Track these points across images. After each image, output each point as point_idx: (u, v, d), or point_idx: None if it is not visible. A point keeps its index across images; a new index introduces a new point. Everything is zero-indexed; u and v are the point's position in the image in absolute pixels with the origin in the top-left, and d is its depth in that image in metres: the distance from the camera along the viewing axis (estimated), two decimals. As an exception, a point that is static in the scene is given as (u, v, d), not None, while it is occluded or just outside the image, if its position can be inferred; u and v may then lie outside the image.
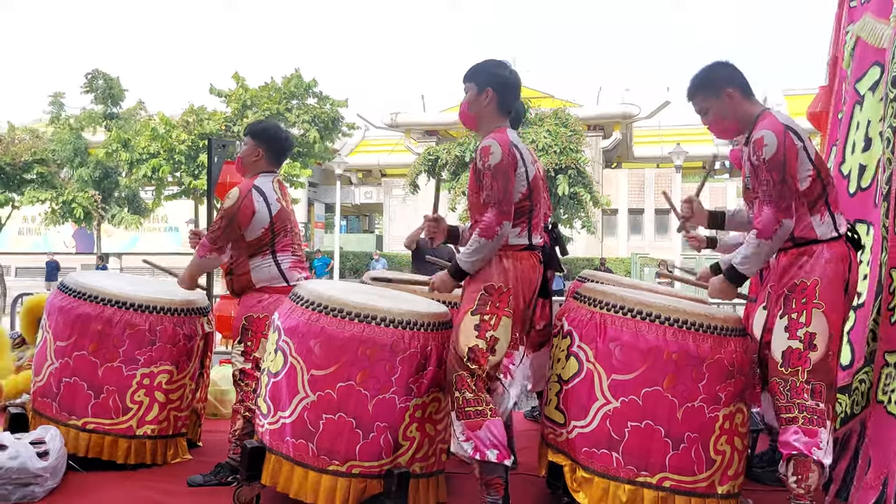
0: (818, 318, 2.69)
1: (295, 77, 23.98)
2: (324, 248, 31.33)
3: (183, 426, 3.68)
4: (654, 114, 31.94)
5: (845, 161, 3.74)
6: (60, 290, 3.64)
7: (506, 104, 3.00)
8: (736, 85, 2.86)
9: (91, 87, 24.55)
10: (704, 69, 2.93)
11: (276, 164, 3.58)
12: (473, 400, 2.81)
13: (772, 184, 2.67)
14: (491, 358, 2.85)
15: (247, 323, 3.39)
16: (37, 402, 3.57)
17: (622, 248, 32.17)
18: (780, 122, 2.74)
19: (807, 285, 2.72)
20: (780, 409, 2.73)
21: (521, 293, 2.91)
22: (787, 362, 2.71)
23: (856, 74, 3.74)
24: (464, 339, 2.85)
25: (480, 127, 3.05)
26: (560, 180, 20.61)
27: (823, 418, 2.67)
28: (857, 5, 3.93)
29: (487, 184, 2.84)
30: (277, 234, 3.42)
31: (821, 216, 2.75)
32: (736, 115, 2.88)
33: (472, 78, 3.02)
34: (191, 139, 23.02)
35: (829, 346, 2.69)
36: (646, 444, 2.81)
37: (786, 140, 2.69)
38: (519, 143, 2.95)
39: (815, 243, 2.75)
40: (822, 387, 2.68)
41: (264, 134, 3.55)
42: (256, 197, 3.38)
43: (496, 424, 2.84)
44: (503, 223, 2.82)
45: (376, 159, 36.79)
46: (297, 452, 2.88)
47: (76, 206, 25.27)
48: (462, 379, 2.83)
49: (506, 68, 3.02)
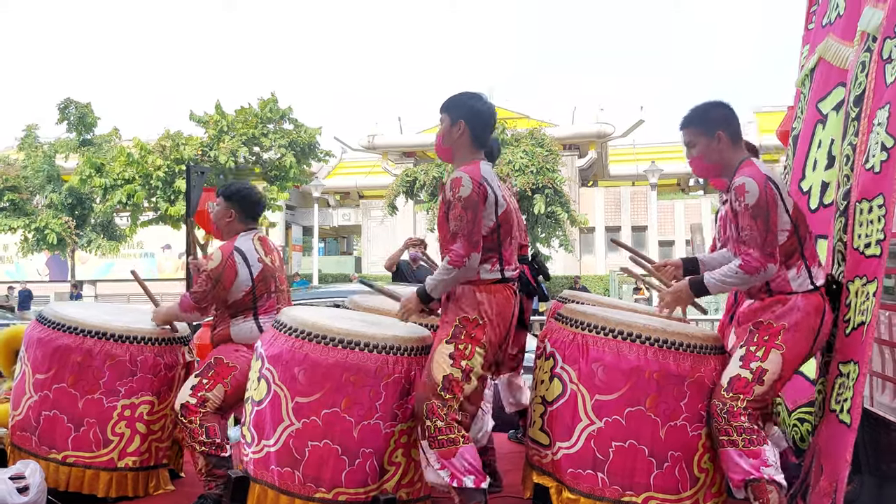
0: (775, 357, 2.78)
1: (271, 101, 23.99)
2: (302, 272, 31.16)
3: (164, 457, 3.64)
4: (628, 132, 32.33)
5: (805, 178, 3.82)
6: (39, 322, 3.60)
7: (479, 137, 3.01)
8: (728, 129, 2.92)
9: (63, 115, 24.39)
10: (704, 105, 2.98)
11: (252, 221, 3.59)
12: (445, 428, 2.81)
13: (756, 230, 2.73)
14: (466, 386, 2.86)
15: (215, 363, 3.36)
16: (15, 436, 3.51)
17: (600, 265, 32.37)
18: (761, 172, 2.80)
19: (773, 326, 2.81)
20: (719, 431, 2.78)
21: (497, 325, 2.92)
22: (730, 388, 2.79)
23: (818, 94, 3.83)
24: (437, 368, 2.85)
25: (455, 159, 3.05)
26: (537, 200, 20.74)
27: (763, 437, 2.76)
28: (817, 27, 4.05)
29: (456, 214, 2.85)
30: (259, 297, 3.43)
31: (797, 270, 2.83)
32: (721, 158, 2.93)
33: (447, 110, 3.04)
34: (167, 164, 22.87)
35: (774, 385, 2.79)
36: (630, 464, 2.84)
37: (766, 189, 2.75)
38: (490, 178, 2.94)
39: (790, 294, 2.82)
40: (758, 414, 2.79)
41: (236, 195, 3.57)
42: (239, 260, 3.39)
43: (469, 451, 2.85)
44: (471, 254, 2.84)
45: (354, 181, 36.77)
46: (283, 481, 2.87)
47: (49, 232, 24.96)
48: (433, 407, 2.82)
49: (480, 100, 3.03)
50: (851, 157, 3.12)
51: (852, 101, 3.19)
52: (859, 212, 2.92)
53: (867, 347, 2.71)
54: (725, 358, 2.97)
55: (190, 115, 23.97)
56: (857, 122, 3.10)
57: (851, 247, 2.95)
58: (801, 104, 4.13)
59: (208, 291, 3.37)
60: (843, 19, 3.57)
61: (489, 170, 2.99)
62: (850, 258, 2.96)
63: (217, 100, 24.37)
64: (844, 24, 3.55)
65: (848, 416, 2.69)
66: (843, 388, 2.79)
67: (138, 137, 24.08)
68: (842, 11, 3.62)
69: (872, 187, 2.84)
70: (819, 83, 3.83)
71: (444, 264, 2.87)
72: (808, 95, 3.98)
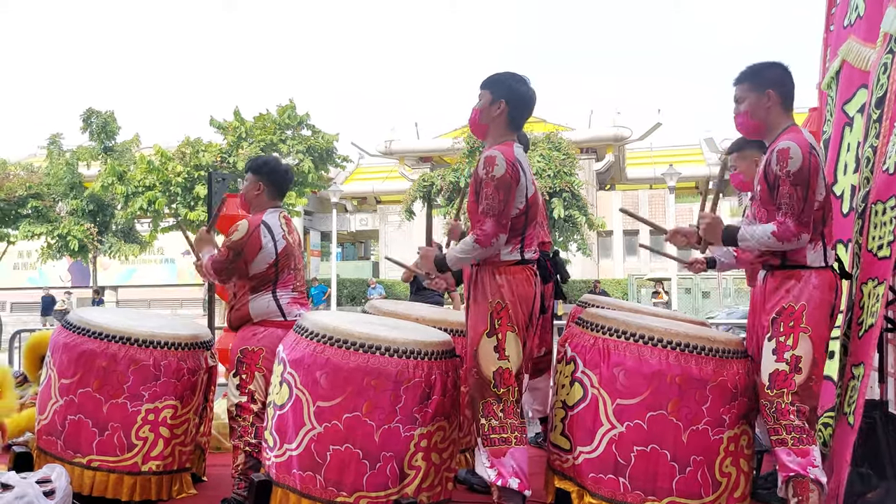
0: (804, 341, 2.74)
1: (289, 108, 24.16)
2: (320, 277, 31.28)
3: (187, 461, 3.66)
4: (645, 135, 32.19)
5: (837, 181, 3.80)
6: (64, 327, 3.65)
7: (516, 119, 3.00)
8: (780, 90, 2.85)
9: (86, 124, 24.76)
10: (763, 63, 2.91)
11: (279, 197, 3.63)
12: (499, 427, 2.84)
13: (795, 198, 2.68)
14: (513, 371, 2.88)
15: (241, 356, 3.42)
16: (41, 440, 3.56)
17: (618, 269, 32.22)
18: (806, 139, 2.75)
19: (794, 309, 2.76)
20: (770, 430, 2.77)
21: (520, 307, 2.93)
22: (773, 384, 2.76)
23: (843, 97, 3.80)
24: (486, 364, 2.88)
25: (488, 137, 3.04)
26: (555, 203, 20.71)
27: (812, 437, 2.72)
28: (837, 29, 4.02)
29: (488, 193, 2.84)
30: (281, 271, 3.47)
31: (814, 245, 2.78)
32: (766, 117, 2.87)
33: (489, 86, 3.01)
34: (186, 171, 23.09)
35: (811, 370, 2.74)
36: (652, 469, 2.82)
37: (811, 157, 2.70)
38: (522, 159, 2.95)
39: (804, 269, 2.78)
40: (806, 409, 2.74)
41: (265, 168, 3.61)
42: (264, 232, 3.43)
43: (520, 453, 2.86)
44: (499, 235, 2.84)
45: (371, 187, 36.92)
46: (305, 484, 2.88)
47: (71, 238, 25.28)
48: (489, 406, 2.86)
49: (524, 83, 3.01)
50: (872, 160, 3.10)
51: (874, 104, 3.17)
52: (874, 213, 2.90)
53: (871, 349, 2.73)
54: (748, 362, 2.95)
55: (210, 120, 24.22)
56: (878, 124, 3.08)
57: (865, 248, 2.93)
58: (830, 107, 4.09)
59: (230, 261, 3.41)
60: (865, 20, 3.54)
61: (522, 152, 2.99)
62: (863, 260, 2.94)
63: (236, 106, 24.62)
64: (866, 25, 3.52)
65: (853, 417, 2.70)
66: (854, 390, 2.79)
67: (159, 144, 24.35)
68: (862, 13, 3.60)
69: (886, 189, 2.82)
70: (844, 85, 3.80)
71: (470, 241, 2.87)
72: (836, 98, 3.95)
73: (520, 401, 2.95)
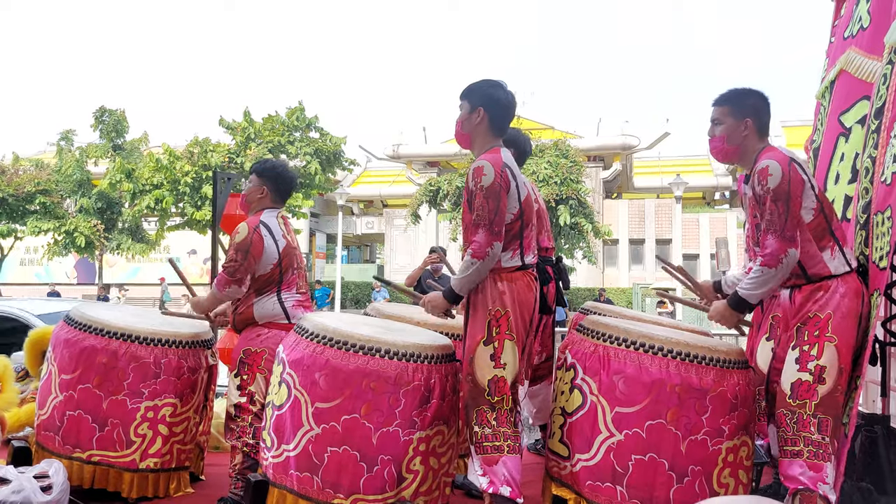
0: (829, 351, 2.70)
1: (298, 110, 24.25)
2: (325, 279, 31.32)
3: (186, 459, 3.67)
4: (653, 145, 32.15)
5: (827, 190, 3.78)
6: (66, 323, 3.66)
7: (498, 124, 3.02)
8: (757, 120, 2.88)
9: (98, 122, 24.92)
10: (743, 89, 2.93)
11: (281, 201, 3.63)
12: (492, 435, 2.84)
13: (776, 214, 2.69)
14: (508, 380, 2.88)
15: (244, 356, 3.41)
16: (40, 435, 3.56)
17: (623, 278, 32.13)
18: (784, 154, 2.77)
19: (820, 318, 2.73)
20: (786, 441, 2.72)
21: (520, 314, 2.93)
22: (795, 394, 2.72)
23: (839, 106, 3.79)
24: (481, 371, 2.87)
25: (474, 146, 3.07)
26: (561, 211, 20.67)
27: (829, 452, 2.66)
28: (838, 40, 4.01)
29: (479, 204, 2.85)
30: (285, 272, 3.46)
31: (831, 251, 2.77)
32: (742, 144, 2.89)
33: (466, 96, 3.05)
34: (194, 170, 23.18)
35: (837, 380, 2.69)
36: (650, 478, 2.81)
37: (790, 171, 2.71)
38: (512, 164, 2.96)
39: (830, 279, 2.76)
40: (829, 421, 2.68)
41: (271, 172, 3.60)
42: (264, 232, 3.42)
43: (513, 461, 2.86)
44: (494, 244, 2.84)
45: (378, 190, 36.95)
46: (302, 485, 2.88)
47: (78, 235, 25.39)
48: (482, 413, 2.86)
49: (500, 88, 3.03)
50: (871, 170, 3.09)
51: (873, 114, 3.16)
52: (875, 224, 2.90)
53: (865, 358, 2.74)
54: (750, 373, 2.93)
55: (220, 120, 24.32)
56: (876, 134, 3.08)
57: (871, 260, 2.93)
58: (822, 116, 4.10)
59: (241, 262, 3.37)
60: (870, 32, 3.54)
61: (509, 156, 3.00)
62: (871, 271, 2.93)
63: (246, 107, 24.71)
64: (871, 37, 3.52)
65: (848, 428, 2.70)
66: (853, 401, 2.78)
67: (167, 143, 24.46)
68: (866, 24, 3.59)
69: (883, 199, 2.82)
70: (840, 95, 3.80)
71: (466, 258, 2.87)
72: (829, 108, 3.95)
73: (514, 409, 2.94)
